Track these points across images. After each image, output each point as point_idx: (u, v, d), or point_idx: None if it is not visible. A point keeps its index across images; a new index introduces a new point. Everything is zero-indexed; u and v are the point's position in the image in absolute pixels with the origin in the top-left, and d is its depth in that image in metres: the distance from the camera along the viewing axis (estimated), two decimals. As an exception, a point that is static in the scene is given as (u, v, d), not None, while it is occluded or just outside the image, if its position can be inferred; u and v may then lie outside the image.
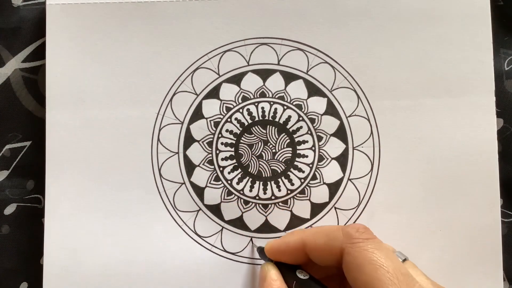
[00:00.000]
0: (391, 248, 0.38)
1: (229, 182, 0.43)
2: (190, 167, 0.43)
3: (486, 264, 0.42)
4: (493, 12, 0.43)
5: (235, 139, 0.43)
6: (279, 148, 0.43)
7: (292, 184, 0.43)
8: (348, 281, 0.34)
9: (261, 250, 0.40)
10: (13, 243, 0.44)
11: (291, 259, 0.38)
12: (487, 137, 0.43)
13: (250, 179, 0.43)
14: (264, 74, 0.43)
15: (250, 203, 0.43)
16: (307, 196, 0.43)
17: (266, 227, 0.43)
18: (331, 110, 0.43)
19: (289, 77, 0.43)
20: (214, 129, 0.43)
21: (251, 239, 0.43)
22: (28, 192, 0.44)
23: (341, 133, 0.43)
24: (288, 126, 0.43)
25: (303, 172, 0.43)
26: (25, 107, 0.44)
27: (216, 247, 0.42)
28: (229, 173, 0.43)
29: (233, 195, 0.43)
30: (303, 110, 0.43)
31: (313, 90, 0.43)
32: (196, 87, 0.43)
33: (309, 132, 0.43)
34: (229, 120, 0.43)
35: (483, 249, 0.42)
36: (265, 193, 0.43)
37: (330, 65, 0.43)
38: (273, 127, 0.43)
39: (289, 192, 0.43)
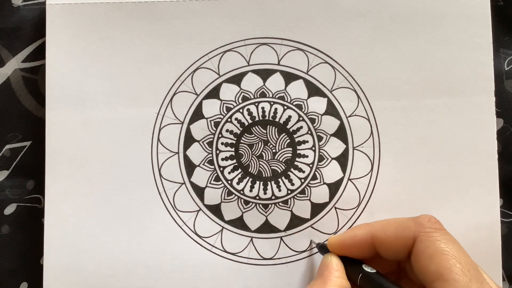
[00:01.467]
0: None
1: (229, 182, 0.43)
2: (190, 167, 0.43)
3: (486, 264, 0.42)
4: (493, 12, 0.43)
5: (235, 139, 0.43)
6: (279, 148, 0.43)
7: (292, 184, 0.43)
8: (415, 270, 0.34)
9: (321, 246, 0.40)
10: (13, 243, 0.44)
11: (356, 253, 0.38)
12: (487, 137, 0.43)
13: (250, 179, 0.43)
14: (264, 74, 0.43)
15: (250, 203, 0.43)
16: (307, 196, 0.43)
17: (266, 227, 0.43)
18: (331, 110, 0.43)
19: (289, 77, 0.43)
20: (214, 129, 0.43)
21: (311, 241, 0.42)
22: (28, 192, 0.44)
23: (341, 133, 0.43)
24: (288, 126, 0.43)
25: (303, 172, 0.43)
26: (25, 107, 0.44)
27: (216, 247, 0.42)
28: (229, 173, 0.43)
29: (233, 195, 0.43)
30: (303, 110, 0.43)
31: (313, 90, 0.43)
32: (196, 87, 0.43)
33: (309, 132, 0.43)
34: (229, 120, 0.43)
35: (483, 249, 0.42)
36: (265, 193, 0.43)
37: (330, 65, 0.43)
38: (273, 127, 0.43)
39: (289, 192, 0.43)
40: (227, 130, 0.43)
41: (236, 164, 0.43)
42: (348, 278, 0.37)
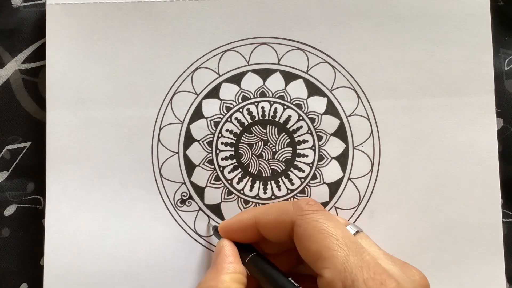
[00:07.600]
0: (343, 220, 0.38)
1: (229, 181, 0.43)
2: (190, 167, 0.43)
3: (488, 265, 0.42)
4: (493, 12, 0.43)
5: (235, 138, 0.43)
6: (279, 148, 0.43)
7: (292, 184, 0.43)
8: (300, 254, 0.34)
9: (216, 229, 0.40)
10: (13, 244, 0.44)
11: (244, 237, 0.38)
12: (487, 137, 0.43)
13: (250, 179, 0.43)
14: (264, 73, 0.43)
15: (250, 203, 0.43)
16: (307, 196, 0.43)
17: (266, 227, 0.43)
18: (331, 109, 0.43)
19: (289, 77, 0.43)
20: (214, 128, 0.43)
21: (209, 220, 0.42)
22: (28, 193, 0.44)
23: (341, 133, 0.43)
24: (288, 126, 0.43)
25: (303, 171, 0.43)
26: (24, 109, 0.44)
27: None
28: (229, 172, 0.43)
29: (233, 195, 0.43)
30: (303, 109, 0.43)
31: (313, 89, 0.43)
32: (196, 87, 0.43)
33: (309, 132, 0.43)
34: (229, 119, 0.43)
35: (484, 249, 0.42)
36: (265, 193, 0.43)
37: (330, 64, 0.43)
38: (273, 127, 0.43)
39: (289, 191, 0.43)
40: (227, 130, 0.43)
41: (236, 163, 0.43)
42: (243, 264, 0.37)
